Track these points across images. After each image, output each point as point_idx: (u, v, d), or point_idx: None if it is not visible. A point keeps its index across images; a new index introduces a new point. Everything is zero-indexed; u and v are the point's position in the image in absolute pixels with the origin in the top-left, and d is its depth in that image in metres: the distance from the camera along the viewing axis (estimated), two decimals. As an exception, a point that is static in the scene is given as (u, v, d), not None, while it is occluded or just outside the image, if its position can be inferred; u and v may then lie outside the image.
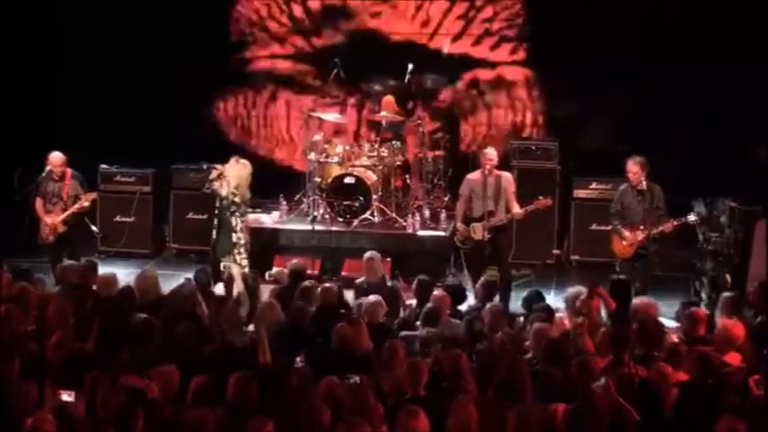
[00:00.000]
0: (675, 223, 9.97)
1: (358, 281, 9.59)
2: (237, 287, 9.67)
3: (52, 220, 10.74)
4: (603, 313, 8.33)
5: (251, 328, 7.90)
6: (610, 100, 12.58)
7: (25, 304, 8.20)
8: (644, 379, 6.68)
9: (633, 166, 10.08)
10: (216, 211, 10.22)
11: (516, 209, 10.33)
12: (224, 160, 10.34)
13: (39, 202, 10.83)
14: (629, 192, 10.21)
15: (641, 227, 10.05)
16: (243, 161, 10.25)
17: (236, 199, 10.02)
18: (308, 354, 7.29)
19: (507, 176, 10.57)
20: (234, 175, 10.05)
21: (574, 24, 12.47)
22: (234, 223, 10.02)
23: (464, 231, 10.45)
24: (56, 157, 10.77)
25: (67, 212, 10.78)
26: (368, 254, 9.78)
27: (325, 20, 13.61)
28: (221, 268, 10.06)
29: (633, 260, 10.16)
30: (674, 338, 7.65)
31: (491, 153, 10.56)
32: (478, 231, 10.36)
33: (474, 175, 10.54)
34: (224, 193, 10.04)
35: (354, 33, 13.52)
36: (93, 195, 11.14)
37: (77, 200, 10.83)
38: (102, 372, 6.60)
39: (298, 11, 13.67)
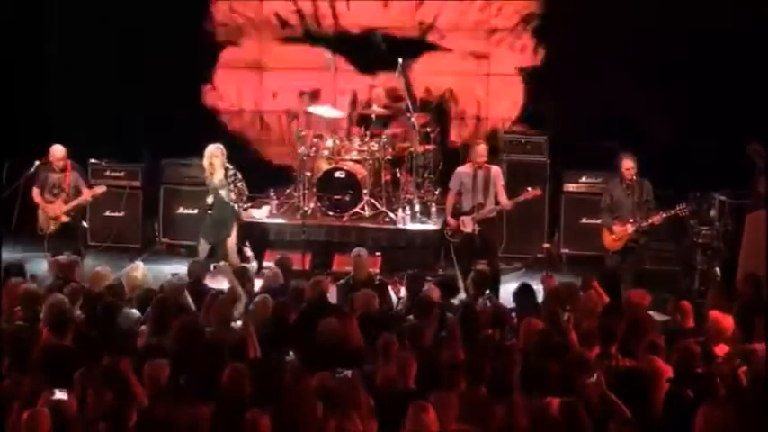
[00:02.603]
0: (664, 215, 10.02)
1: (340, 282, 9.54)
2: (231, 282, 9.63)
3: (54, 210, 10.79)
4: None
5: (239, 323, 7.85)
6: (600, 94, 12.60)
7: (16, 299, 8.19)
8: (630, 370, 6.69)
9: (629, 162, 10.12)
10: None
11: (505, 200, 10.37)
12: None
13: (36, 192, 10.90)
14: (618, 186, 10.27)
15: (630, 220, 10.11)
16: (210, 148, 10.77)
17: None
18: (300, 348, 7.29)
19: (496, 169, 10.61)
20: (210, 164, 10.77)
21: (565, 18, 12.47)
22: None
23: (454, 224, 10.48)
24: (57, 149, 10.88)
25: (72, 204, 10.90)
26: (355, 251, 9.74)
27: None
28: (211, 267, 10.13)
29: (623, 254, 10.21)
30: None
31: (482, 149, 10.60)
32: (468, 224, 10.39)
33: (464, 169, 10.58)
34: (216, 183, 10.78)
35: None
36: (103, 188, 11.19)
37: (78, 191, 10.90)
38: (91, 368, 6.59)
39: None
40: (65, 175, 10.90)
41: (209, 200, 10.85)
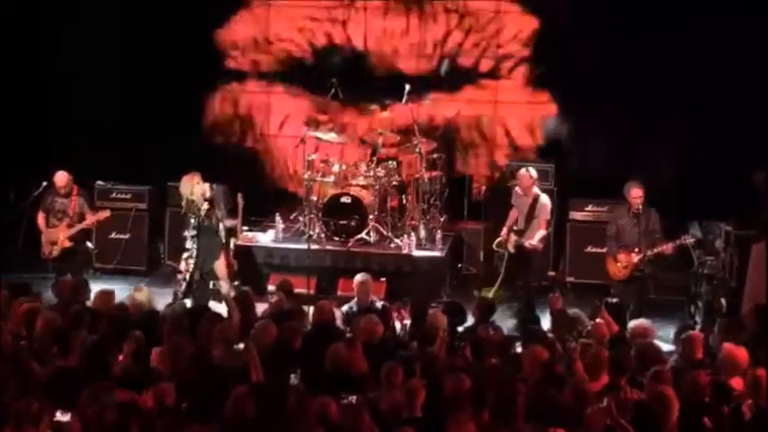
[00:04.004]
0: (673, 245, 10.00)
1: (344, 307, 9.52)
2: (229, 305, 9.62)
3: (57, 235, 10.84)
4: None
5: (241, 345, 7.81)
6: (605, 123, 12.63)
7: (20, 320, 8.20)
8: (639, 402, 6.66)
9: (638, 191, 10.14)
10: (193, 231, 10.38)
11: (533, 240, 10.49)
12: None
13: (41, 216, 10.93)
14: (625, 214, 10.28)
15: (636, 249, 10.11)
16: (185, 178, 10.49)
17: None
18: (304, 372, 7.28)
19: (543, 200, 10.71)
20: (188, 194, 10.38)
21: (571, 48, 12.50)
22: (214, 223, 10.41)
23: (504, 237, 10.76)
24: (61, 176, 10.95)
25: (75, 229, 10.93)
26: (359, 277, 9.74)
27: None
28: (211, 286, 10.10)
29: (628, 283, 10.19)
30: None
31: (519, 173, 10.87)
32: (511, 243, 10.61)
33: (516, 190, 10.93)
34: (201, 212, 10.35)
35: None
36: (107, 213, 11.22)
37: (82, 217, 10.96)
38: (96, 389, 6.58)
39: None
40: (70, 200, 10.95)
41: (191, 233, 10.45)
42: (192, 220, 10.33)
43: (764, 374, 6.85)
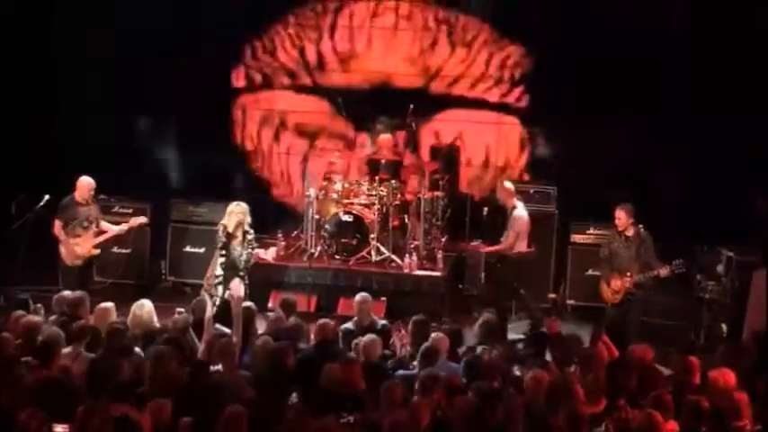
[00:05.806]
0: (669, 269, 9.96)
1: (344, 326, 9.42)
2: (234, 322, 9.60)
3: (84, 244, 10.68)
4: None
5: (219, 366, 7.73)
6: (607, 145, 12.64)
7: (19, 333, 8.19)
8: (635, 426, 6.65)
9: (619, 213, 10.21)
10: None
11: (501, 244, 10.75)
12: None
13: (57, 225, 10.70)
14: (617, 238, 10.28)
15: (627, 273, 10.08)
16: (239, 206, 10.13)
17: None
18: (303, 391, 7.26)
19: (516, 212, 10.73)
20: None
21: (572, 70, 12.53)
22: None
23: None
24: (88, 180, 10.74)
25: (106, 236, 10.81)
26: (359, 296, 9.67)
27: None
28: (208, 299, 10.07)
29: (620, 306, 10.17)
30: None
31: (497, 186, 11.18)
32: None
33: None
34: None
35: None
36: (143, 219, 11.25)
37: (98, 223, 10.81)
38: (93, 404, 6.57)
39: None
40: (91, 208, 10.77)
41: (221, 259, 9.97)
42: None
43: (745, 398, 6.83)
